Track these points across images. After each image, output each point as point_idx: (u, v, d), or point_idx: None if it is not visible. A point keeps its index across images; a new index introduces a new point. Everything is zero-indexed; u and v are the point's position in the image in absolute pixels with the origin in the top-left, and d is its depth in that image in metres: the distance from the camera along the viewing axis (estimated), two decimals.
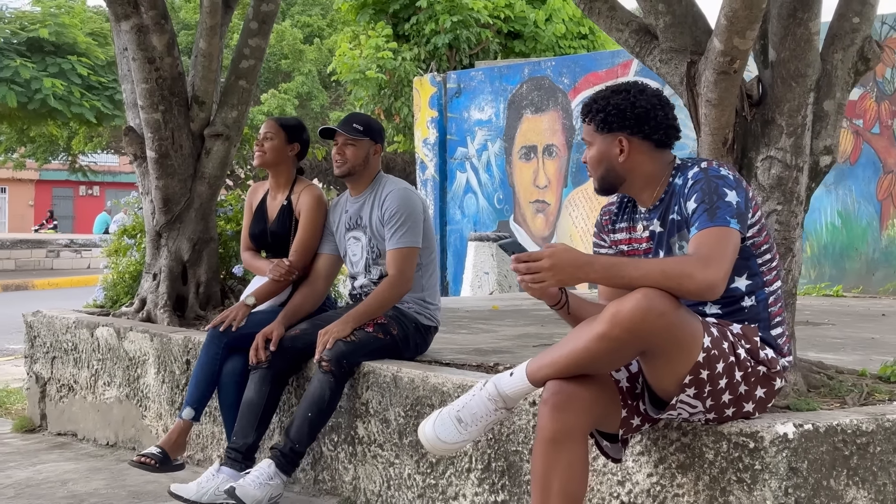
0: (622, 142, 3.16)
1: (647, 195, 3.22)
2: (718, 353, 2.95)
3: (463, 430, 3.05)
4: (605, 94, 3.21)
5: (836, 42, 3.80)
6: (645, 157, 3.17)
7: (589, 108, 3.22)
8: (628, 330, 2.84)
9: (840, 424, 3.12)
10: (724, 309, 3.13)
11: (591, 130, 3.23)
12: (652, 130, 3.15)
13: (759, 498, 3.03)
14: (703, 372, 2.93)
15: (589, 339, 2.91)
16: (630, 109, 3.14)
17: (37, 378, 6.37)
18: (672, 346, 2.90)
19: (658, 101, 3.17)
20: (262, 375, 4.45)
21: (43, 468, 5.32)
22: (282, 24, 26.28)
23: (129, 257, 6.58)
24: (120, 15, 5.93)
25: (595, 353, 2.92)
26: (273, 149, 4.93)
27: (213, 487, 4.28)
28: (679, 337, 2.90)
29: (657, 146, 3.18)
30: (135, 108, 6.14)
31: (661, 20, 3.87)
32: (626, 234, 3.30)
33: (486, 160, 12.98)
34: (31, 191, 47.54)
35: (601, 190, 3.26)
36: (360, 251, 4.67)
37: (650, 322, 2.83)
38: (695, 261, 2.91)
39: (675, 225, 3.13)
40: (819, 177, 3.83)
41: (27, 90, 19.94)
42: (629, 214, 3.31)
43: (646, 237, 3.23)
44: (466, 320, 6.60)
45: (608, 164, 3.20)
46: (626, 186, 3.23)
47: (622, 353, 2.94)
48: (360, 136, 4.61)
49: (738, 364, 3.01)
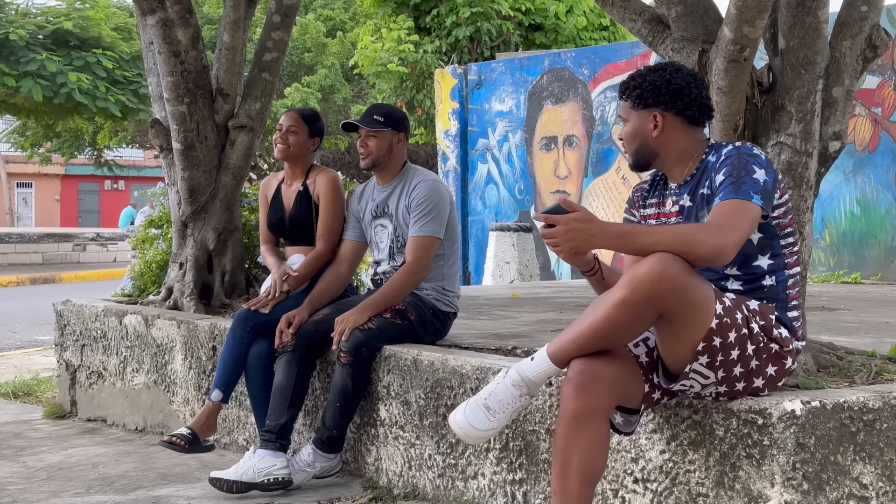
0: (656, 117, 3.27)
1: (679, 171, 3.32)
2: (731, 322, 3.03)
3: (492, 418, 3.13)
4: (643, 72, 3.33)
5: (845, 30, 3.88)
6: (678, 133, 3.28)
7: (626, 85, 3.34)
8: (645, 293, 2.92)
9: (847, 401, 3.20)
10: (746, 286, 3.22)
11: (627, 107, 3.34)
12: (685, 106, 3.26)
13: (767, 472, 3.12)
14: (716, 339, 3.01)
15: (609, 307, 2.99)
16: (665, 86, 3.25)
17: (67, 365, 6.52)
18: (686, 310, 2.97)
19: (693, 80, 3.29)
20: (288, 359, 4.58)
21: (74, 452, 5.46)
22: (305, 18, 26.41)
23: (156, 247, 6.71)
24: (146, 9, 6.06)
25: (616, 321, 2.99)
26: (297, 143, 5.03)
27: (252, 467, 4.41)
28: (692, 301, 2.97)
29: (690, 123, 3.29)
30: (161, 101, 6.26)
31: (672, 10, 3.95)
32: (655, 209, 3.40)
33: (506, 151, 13.07)
34: (57, 186, 47.94)
35: (635, 165, 3.38)
36: (386, 238, 4.76)
37: (665, 283, 2.91)
38: (708, 227, 3.03)
39: (703, 199, 3.23)
40: (828, 162, 3.91)
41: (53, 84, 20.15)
42: (660, 190, 3.41)
43: (675, 211, 3.33)
44: (486, 307, 6.70)
45: (642, 139, 3.31)
46: (658, 162, 3.34)
47: (641, 318, 3.00)
48: (382, 127, 4.70)
49: (751, 338, 3.09)
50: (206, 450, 4.77)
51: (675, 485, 3.36)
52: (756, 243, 3.21)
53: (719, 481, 3.24)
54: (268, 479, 4.40)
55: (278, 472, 4.42)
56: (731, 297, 3.11)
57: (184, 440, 4.63)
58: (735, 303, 3.09)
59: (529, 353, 4.22)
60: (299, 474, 4.49)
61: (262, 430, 4.58)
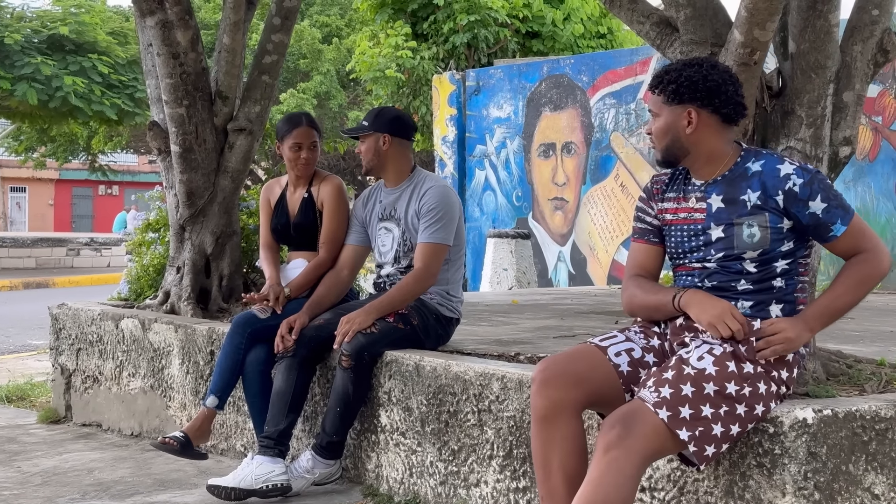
0: (691, 113, 3.22)
1: (709, 170, 3.27)
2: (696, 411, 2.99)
3: None
4: (677, 66, 3.28)
5: (856, 34, 3.84)
6: (711, 132, 3.24)
7: (660, 79, 3.28)
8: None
9: (859, 410, 3.15)
10: (756, 285, 3.20)
11: (659, 101, 3.28)
12: (721, 104, 3.21)
13: (778, 482, 3.07)
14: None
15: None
16: (702, 82, 3.20)
17: (62, 369, 6.45)
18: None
19: (729, 77, 3.25)
20: (288, 364, 4.52)
21: (69, 457, 5.39)
22: (300, 25, 26.38)
23: (153, 251, 6.65)
24: (145, 10, 6.00)
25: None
26: (315, 158, 4.99)
27: (250, 474, 4.35)
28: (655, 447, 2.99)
29: (724, 121, 3.24)
30: (159, 104, 6.20)
31: (681, 12, 3.90)
32: (674, 203, 3.35)
33: (504, 158, 13.03)
34: (51, 190, 47.81)
35: (664, 162, 3.33)
36: (391, 242, 4.70)
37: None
38: (867, 255, 3.16)
39: (749, 208, 3.17)
40: (838, 167, 3.86)
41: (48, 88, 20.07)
42: (680, 185, 3.36)
43: (699, 208, 3.27)
44: (486, 313, 6.65)
45: (674, 136, 3.26)
46: (688, 159, 3.29)
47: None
48: (366, 130, 4.68)
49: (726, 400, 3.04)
50: (198, 456, 4.71)
51: (683, 494, 3.31)
52: (783, 250, 3.19)
53: (728, 491, 3.19)
54: (266, 486, 4.34)
55: (277, 478, 4.36)
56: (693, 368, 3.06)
57: (176, 442, 4.56)
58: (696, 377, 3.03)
59: (533, 360, 4.19)
60: (298, 481, 4.43)
61: (260, 436, 4.52)
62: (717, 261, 3.22)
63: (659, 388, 3.00)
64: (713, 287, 3.23)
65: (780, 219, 3.16)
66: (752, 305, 3.18)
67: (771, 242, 3.16)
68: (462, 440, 4.06)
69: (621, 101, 11.79)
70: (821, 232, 3.17)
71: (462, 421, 4.06)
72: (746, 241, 3.17)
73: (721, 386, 2.99)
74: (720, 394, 2.99)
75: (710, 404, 2.97)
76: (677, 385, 2.98)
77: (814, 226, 3.16)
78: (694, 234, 3.27)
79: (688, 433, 2.93)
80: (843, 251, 3.19)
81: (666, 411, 2.94)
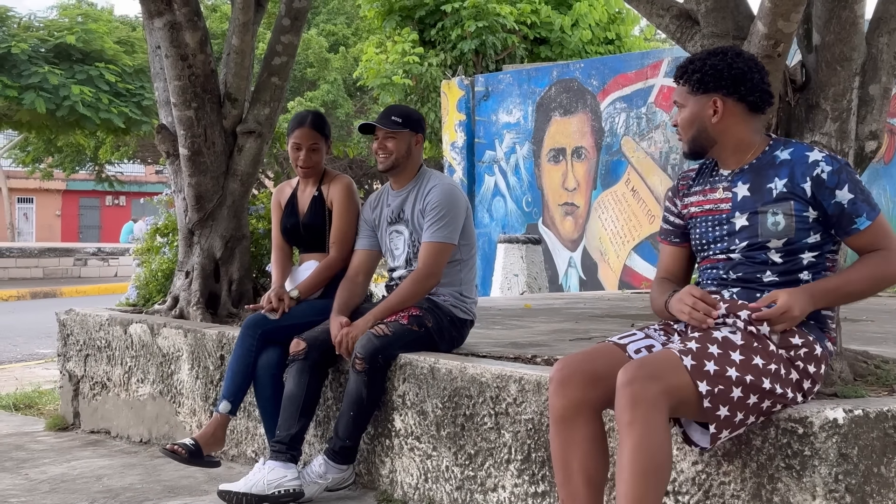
0: (717, 102, 3.17)
1: (736, 160, 3.22)
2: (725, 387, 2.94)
3: None
4: (702, 55, 3.23)
5: (882, 25, 3.74)
6: (738, 120, 3.19)
7: (684, 69, 3.23)
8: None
9: (891, 410, 3.07)
10: (783, 277, 3.13)
11: (684, 92, 3.23)
12: (748, 92, 3.16)
13: (808, 485, 2.98)
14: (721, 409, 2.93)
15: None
16: (727, 70, 3.15)
17: (70, 376, 6.37)
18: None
19: (754, 65, 3.20)
20: (299, 367, 4.43)
21: (77, 464, 5.31)
22: (307, 34, 26.37)
23: (162, 256, 6.57)
24: (153, 12, 5.92)
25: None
26: (320, 160, 4.92)
27: (262, 479, 4.26)
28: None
29: (750, 109, 3.19)
30: (167, 106, 6.13)
31: (702, 5, 3.81)
32: (699, 196, 3.29)
33: (514, 163, 12.94)
34: (58, 201, 47.90)
35: (690, 153, 3.28)
36: (403, 245, 4.62)
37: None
38: (887, 253, 3.09)
39: (774, 195, 3.11)
40: (864, 162, 3.77)
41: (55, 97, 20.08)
42: (706, 177, 3.31)
43: (725, 198, 3.21)
44: (500, 317, 6.57)
45: (700, 125, 3.20)
46: (715, 150, 3.24)
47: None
48: (400, 128, 4.58)
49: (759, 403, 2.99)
50: (210, 464, 4.61)
51: (709, 497, 3.22)
52: (810, 242, 3.11)
53: (756, 494, 3.10)
54: (278, 492, 4.25)
55: (289, 483, 4.27)
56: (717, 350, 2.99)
57: (185, 450, 4.47)
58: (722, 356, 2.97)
59: (550, 362, 4.10)
60: (311, 486, 4.34)
61: (272, 441, 4.43)
62: (741, 251, 3.15)
63: (685, 342, 2.98)
64: (738, 279, 3.16)
65: (805, 207, 3.09)
66: None
67: (796, 232, 3.10)
68: (479, 444, 3.97)
69: (632, 105, 11.70)
70: (844, 223, 3.09)
71: (478, 424, 3.97)
72: (771, 228, 3.10)
73: (747, 357, 2.95)
74: (746, 363, 2.94)
75: (735, 368, 2.92)
76: (704, 343, 2.96)
77: (837, 215, 3.08)
78: (718, 223, 3.22)
79: (707, 387, 2.87)
80: (863, 247, 3.13)
81: (691, 360, 2.90)
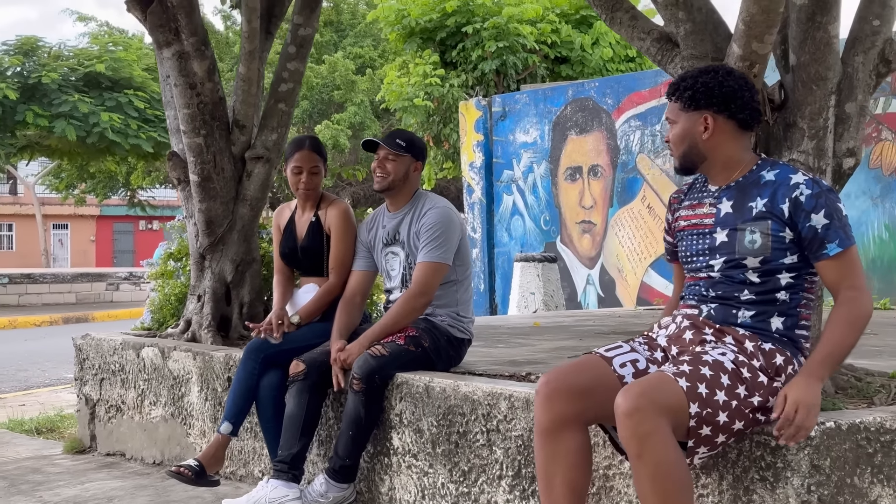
0: (707, 119, 3.25)
1: (724, 176, 3.30)
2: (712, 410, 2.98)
3: None
4: (693, 73, 3.30)
5: (857, 45, 3.81)
6: (728, 137, 3.26)
7: (676, 86, 3.31)
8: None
9: (863, 422, 3.11)
10: (760, 296, 3.19)
11: (676, 108, 3.31)
12: (738, 109, 3.23)
13: (781, 496, 3.04)
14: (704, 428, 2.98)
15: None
16: (718, 88, 3.22)
17: (86, 400, 6.50)
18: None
19: (745, 83, 3.27)
20: (299, 388, 4.53)
21: (90, 486, 5.42)
22: (334, 56, 26.61)
23: (176, 280, 6.70)
24: (162, 42, 6.07)
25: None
26: (319, 182, 5.03)
27: (264, 497, 4.36)
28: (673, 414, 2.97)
29: (740, 126, 3.26)
30: (178, 134, 6.27)
31: (681, 28, 3.90)
32: (688, 210, 3.38)
33: (532, 182, 13.02)
34: (92, 226, 48.42)
35: (681, 168, 3.36)
36: (398, 266, 4.72)
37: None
38: (851, 292, 3.12)
39: (753, 214, 3.17)
40: (843, 179, 3.83)
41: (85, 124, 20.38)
42: (697, 192, 3.39)
43: (709, 213, 3.29)
44: (506, 336, 6.63)
45: (691, 142, 3.28)
46: (705, 166, 3.31)
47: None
48: (403, 151, 4.69)
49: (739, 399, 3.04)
50: (212, 483, 4.71)
51: None
52: (787, 263, 3.18)
53: None
54: None
55: (291, 502, 4.36)
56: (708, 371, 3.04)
57: (191, 471, 4.58)
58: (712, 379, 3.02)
59: None
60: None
61: (274, 461, 4.53)
62: (720, 269, 3.22)
63: (677, 365, 3.03)
64: (717, 297, 3.23)
65: (782, 227, 3.14)
66: (752, 315, 3.17)
67: (772, 251, 3.15)
68: (472, 461, 4.05)
69: (646, 122, 11.77)
70: (814, 247, 3.13)
71: (471, 441, 4.05)
72: (748, 246, 3.16)
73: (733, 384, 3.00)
74: (731, 389, 2.99)
75: (724, 392, 2.98)
76: (696, 365, 3.01)
77: (810, 238, 3.13)
78: (700, 236, 3.30)
79: (697, 409, 2.93)
80: (831, 278, 3.14)
81: (685, 382, 2.95)
